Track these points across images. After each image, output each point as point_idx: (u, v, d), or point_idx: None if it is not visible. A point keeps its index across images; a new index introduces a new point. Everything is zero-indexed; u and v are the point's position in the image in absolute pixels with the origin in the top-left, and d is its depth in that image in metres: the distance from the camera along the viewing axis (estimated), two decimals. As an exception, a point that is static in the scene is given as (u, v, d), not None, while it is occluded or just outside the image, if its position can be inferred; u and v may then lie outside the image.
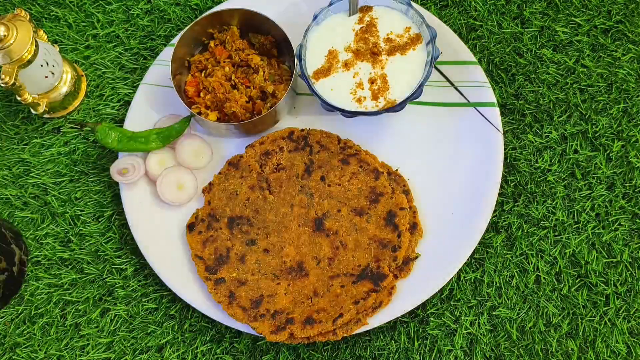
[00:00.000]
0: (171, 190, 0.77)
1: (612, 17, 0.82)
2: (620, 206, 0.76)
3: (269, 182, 0.76)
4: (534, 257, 0.75)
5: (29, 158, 0.82)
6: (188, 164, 0.78)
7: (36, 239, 0.79)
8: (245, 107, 0.77)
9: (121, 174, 0.77)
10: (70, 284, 0.78)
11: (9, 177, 0.82)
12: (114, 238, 0.79)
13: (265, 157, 0.77)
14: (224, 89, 0.77)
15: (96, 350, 0.75)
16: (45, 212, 0.80)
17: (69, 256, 0.79)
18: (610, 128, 0.78)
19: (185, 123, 0.78)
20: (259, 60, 0.78)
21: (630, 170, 0.77)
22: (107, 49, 0.86)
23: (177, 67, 0.77)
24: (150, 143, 0.77)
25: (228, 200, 0.76)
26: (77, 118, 0.84)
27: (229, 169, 0.77)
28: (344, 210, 0.74)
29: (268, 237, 0.74)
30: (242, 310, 0.71)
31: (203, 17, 0.77)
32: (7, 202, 0.81)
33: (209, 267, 0.73)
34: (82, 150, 0.82)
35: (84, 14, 0.87)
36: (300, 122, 0.80)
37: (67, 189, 0.81)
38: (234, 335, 0.75)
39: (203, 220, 0.75)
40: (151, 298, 0.77)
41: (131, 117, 0.80)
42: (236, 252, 0.74)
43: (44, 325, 0.77)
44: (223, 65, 0.78)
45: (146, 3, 0.87)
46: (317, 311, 0.70)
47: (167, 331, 0.75)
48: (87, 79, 0.85)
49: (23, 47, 0.74)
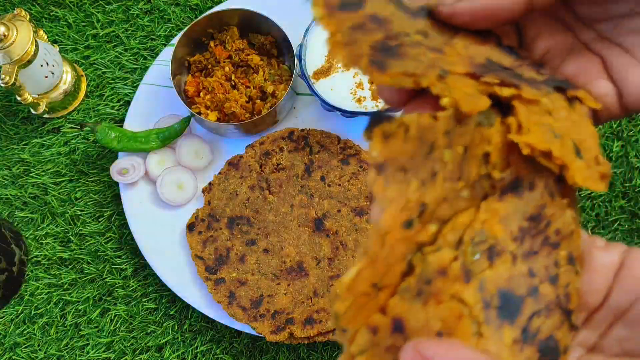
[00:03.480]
0: (171, 190, 0.77)
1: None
2: (620, 206, 0.76)
3: (269, 182, 0.76)
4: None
5: (28, 158, 0.82)
6: (188, 164, 0.78)
7: (36, 239, 0.79)
8: (245, 107, 0.77)
9: (121, 174, 0.77)
10: (70, 284, 0.78)
11: (8, 177, 0.82)
12: (114, 238, 0.79)
13: (265, 157, 0.77)
14: (223, 89, 0.77)
15: (96, 350, 0.76)
16: (45, 212, 0.80)
17: (69, 256, 0.79)
18: (610, 128, 0.78)
19: (185, 123, 0.78)
20: (259, 60, 0.78)
21: (630, 170, 0.77)
22: (106, 48, 0.86)
23: (176, 67, 0.77)
24: (150, 143, 0.77)
25: (228, 201, 0.76)
26: (77, 118, 0.84)
27: (229, 169, 0.77)
28: (344, 211, 0.74)
29: (268, 237, 0.74)
30: (242, 310, 0.71)
31: (203, 17, 0.77)
32: (7, 202, 0.81)
33: (209, 267, 0.73)
34: (82, 150, 0.82)
35: (83, 13, 0.87)
36: (300, 122, 0.80)
37: (66, 189, 0.81)
38: (233, 335, 0.75)
39: (203, 220, 0.75)
40: (151, 298, 0.77)
41: (131, 117, 0.80)
42: (236, 252, 0.74)
43: (43, 325, 0.77)
44: (223, 65, 0.78)
45: (146, 3, 0.87)
46: (317, 311, 0.70)
47: (167, 331, 0.75)
48: (87, 78, 0.85)
49: (23, 47, 0.74)
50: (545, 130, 0.30)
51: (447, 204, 0.30)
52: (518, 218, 0.30)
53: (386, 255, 0.29)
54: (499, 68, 0.32)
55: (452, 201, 0.30)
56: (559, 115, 0.32)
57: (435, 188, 0.30)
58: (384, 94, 0.34)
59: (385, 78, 0.30)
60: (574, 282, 0.31)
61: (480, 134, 0.30)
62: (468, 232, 0.29)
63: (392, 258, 0.29)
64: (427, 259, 0.29)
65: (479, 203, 0.30)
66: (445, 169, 0.30)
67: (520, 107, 0.31)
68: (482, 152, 0.30)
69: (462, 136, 0.30)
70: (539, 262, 0.30)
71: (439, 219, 0.30)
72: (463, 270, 0.29)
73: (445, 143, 0.30)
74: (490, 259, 0.29)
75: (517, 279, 0.29)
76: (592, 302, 0.32)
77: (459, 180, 0.30)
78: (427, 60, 0.31)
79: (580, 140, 0.32)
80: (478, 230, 0.29)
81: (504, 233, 0.30)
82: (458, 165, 0.30)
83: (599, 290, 0.32)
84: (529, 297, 0.29)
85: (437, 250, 0.30)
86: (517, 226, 0.30)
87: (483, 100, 0.30)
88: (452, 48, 0.33)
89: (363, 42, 0.31)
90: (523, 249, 0.30)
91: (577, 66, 0.35)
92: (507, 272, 0.29)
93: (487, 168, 0.30)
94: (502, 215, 0.30)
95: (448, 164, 0.30)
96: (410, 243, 0.29)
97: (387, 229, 0.29)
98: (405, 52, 0.31)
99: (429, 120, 0.30)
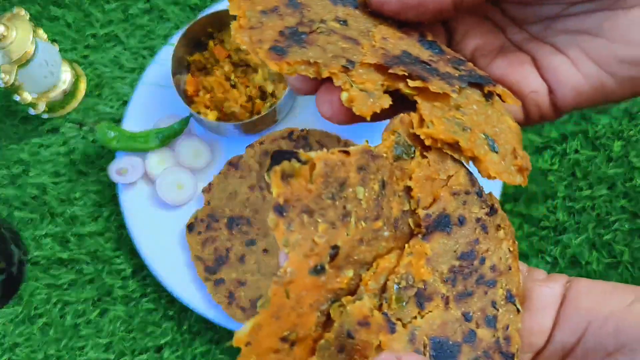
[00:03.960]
0: (170, 191, 0.76)
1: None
2: (621, 206, 0.76)
3: (268, 182, 0.76)
4: (535, 257, 0.75)
5: (27, 158, 0.82)
6: (187, 164, 0.78)
7: (35, 239, 0.79)
8: (245, 106, 0.77)
9: (120, 173, 0.76)
10: (69, 284, 0.78)
11: (7, 177, 0.81)
12: (113, 238, 0.79)
13: (265, 157, 0.77)
14: (223, 88, 0.77)
15: (95, 351, 0.75)
16: (44, 212, 0.80)
17: (68, 256, 0.78)
18: (611, 128, 0.78)
19: (184, 123, 0.78)
20: (259, 59, 0.78)
21: (631, 170, 0.77)
22: (106, 48, 0.85)
23: (176, 66, 0.77)
24: (150, 143, 0.77)
25: (228, 201, 0.76)
26: (76, 118, 0.83)
27: (229, 169, 0.77)
28: (343, 211, 0.74)
29: (267, 237, 0.74)
30: (242, 310, 0.71)
31: (202, 16, 0.77)
32: (6, 202, 0.81)
33: (209, 267, 0.73)
34: (80, 150, 0.82)
35: (82, 13, 0.87)
36: (300, 122, 0.79)
37: (65, 188, 0.81)
38: (233, 336, 0.75)
39: (202, 221, 0.75)
40: (150, 298, 0.77)
41: (130, 116, 0.79)
42: (236, 252, 0.74)
43: (43, 325, 0.77)
44: (222, 64, 0.78)
45: (145, 2, 0.86)
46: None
47: (166, 332, 0.75)
48: (86, 78, 0.85)
49: (22, 46, 0.74)
50: (451, 123, 0.29)
51: (365, 246, 0.28)
52: (448, 258, 0.28)
53: (293, 306, 0.27)
54: (414, 61, 0.30)
55: (370, 243, 0.28)
56: (469, 109, 0.30)
57: (348, 229, 0.27)
58: (292, 82, 0.32)
59: (283, 65, 0.28)
60: (515, 323, 0.29)
61: (399, 168, 0.29)
62: (392, 278, 0.27)
63: (303, 308, 0.27)
64: (345, 311, 0.27)
65: (403, 244, 0.28)
66: (359, 207, 0.27)
67: (422, 103, 0.29)
68: (402, 187, 0.28)
69: (379, 171, 0.28)
70: (475, 304, 0.28)
71: (357, 263, 0.28)
72: (386, 320, 0.27)
73: (358, 180, 0.27)
74: (419, 305, 0.27)
75: (451, 325, 0.27)
76: (536, 342, 0.30)
77: (377, 220, 0.28)
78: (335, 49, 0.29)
79: (496, 133, 0.30)
80: (403, 275, 0.27)
81: (433, 275, 0.28)
82: (375, 203, 0.28)
83: (543, 329, 0.30)
84: (465, 344, 0.27)
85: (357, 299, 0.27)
86: (448, 266, 0.28)
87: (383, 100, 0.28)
88: (368, 39, 0.31)
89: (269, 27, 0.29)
90: (456, 291, 0.28)
91: (508, 64, 0.35)
92: (440, 318, 0.27)
93: (410, 204, 0.28)
94: (430, 256, 0.28)
95: (362, 202, 0.27)
96: (323, 291, 0.27)
97: (290, 277, 0.26)
98: (314, 39, 0.30)
99: (339, 157, 0.28)
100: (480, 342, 0.28)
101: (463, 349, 0.27)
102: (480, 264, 0.29)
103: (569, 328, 0.30)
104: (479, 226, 0.29)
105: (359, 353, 0.26)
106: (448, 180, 0.29)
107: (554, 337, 0.30)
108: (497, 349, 0.28)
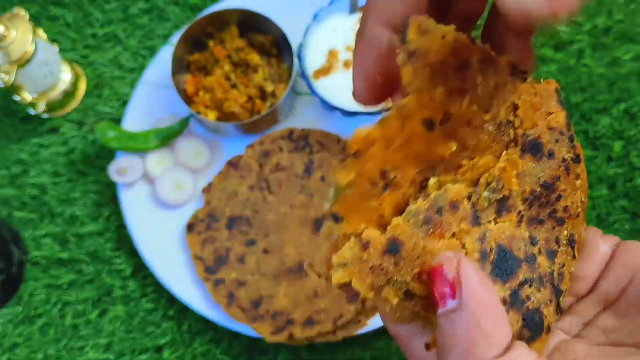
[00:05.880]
0: (170, 191, 0.76)
1: (613, 16, 0.82)
2: (622, 206, 0.76)
3: (268, 182, 0.76)
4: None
5: (27, 158, 0.82)
6: (187, 164, 0.78)
7: (35, 239, 0.79)
8: (245, 106, 0.76)
9: (120, 173, 0.76)
10: (68, 284, 0.78)
11: (7, 177, 0.81)
12: (113, 238, 0.79)
13: (265, 157, 0.77)
14: (223, 88, 0.77)
15: (95, 351, 0.75)
16: (44, 212, 0.80)
17: (68, 256, 0.78)
18: (611, 128, 0.78)
19: (184, 123, 0.78)
20: (259, 59, 0.78)
21: (631, 170, 0.77)
22: (105, 48, 0.85)
23: (176, 66, 0.77)
24: (149, 143, 0.77)
25: (227, 201, 0.76)
26: (75, 118, 0.83)
27: (229, 169, 0.77)
28: (343, 211, 0.74)
29: (268, 237, 0.74)
30: (242, 311, 0.71)
31: (202, 16, 0.77)
32: (6, 202, 0.81)
33: (209, 267, 0.73)
34: (80, 150, 0.82)
35: (82, 13, 0.87)
36: (300, 122, 0.79)
37: (65, 188, 0.81)
38: (233, 336, 0.75)
39: (202, 221, 0.75)
40: (150, 298, 0.76)
41: (129, 116, 0.79)
42: (236, 252, 0.74)
43: (42, 325, 0.77)
44: (222, 64, 0.78)
45: (145, 2, 0.86)
46: (317, 312, 0.70)
47: (166, 332, 0.75)
48: (86, 78, 0.85)
49: (22, 46, 0.74)
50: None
51: (471, 130, 0.29)
52: (533, 180, 0.30)
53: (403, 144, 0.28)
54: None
55: (476, 129, 0.30)
56: None
57: (461, 104, 0.29)
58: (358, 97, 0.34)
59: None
60: (569, 265, 0.31)
61: (512, 82, 0.30)
62: (485, 176, 0.29)
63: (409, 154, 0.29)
64: (444, 188, 0.28)
65: (499, 150, 0.30)
66: (474, 91, 0.29)
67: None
68: (511, 100, 0.30)
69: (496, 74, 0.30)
70: (542, 233, 0.30)
71: (461, 141, 0.29)
72: (472, 211, 0.29)
73: (479, 69, 0.29)
74: (498, 212, 0.29)
75: (518, 241, 0.29)
76: (580, 289, 0.32)
77: (487, 112, 0.30)
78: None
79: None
80: (496, 177, 0.29)
81: (518, 189, 0.29)
82: (488, 96, 0.30)
83: (589, 278, 0.32)
84: (525, 263, 0.29)
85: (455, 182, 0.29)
86: (530, 188, 0.30)
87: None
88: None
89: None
90: (530, 214, 0.30)
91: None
92: (510, 231, 0.29)
93: (514, 117, 0.30)
94: (519, 171, 0.29)
95: (479, 88, 0.29)
96: (428, 150, 0.29)
97: (408, 111, 0.28)
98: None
99: (468, 42, 0.29)
100: (538, 268, 0.29)
101: (523, 266, 0.29)
102: (556, 200, 0.30)
103: (614, 279, 0.31)
104: (563, 166, 0.30)
105: (438, 231, 0.28)
106: (548, 115, 0.31)
107: (598, 286, 0.31)
108: (551, 280, 0.30)
